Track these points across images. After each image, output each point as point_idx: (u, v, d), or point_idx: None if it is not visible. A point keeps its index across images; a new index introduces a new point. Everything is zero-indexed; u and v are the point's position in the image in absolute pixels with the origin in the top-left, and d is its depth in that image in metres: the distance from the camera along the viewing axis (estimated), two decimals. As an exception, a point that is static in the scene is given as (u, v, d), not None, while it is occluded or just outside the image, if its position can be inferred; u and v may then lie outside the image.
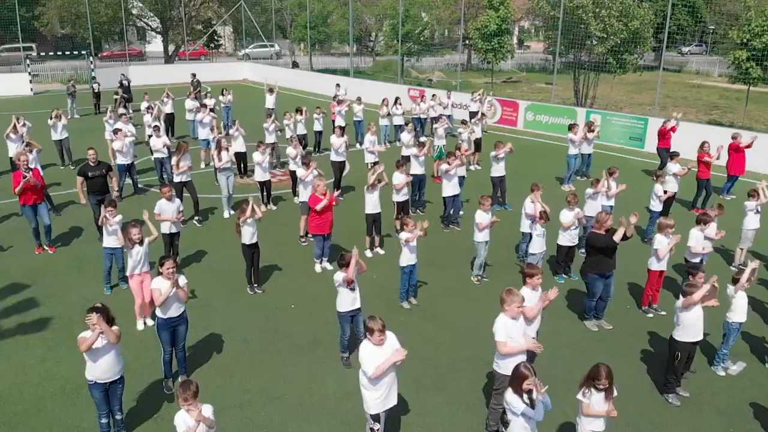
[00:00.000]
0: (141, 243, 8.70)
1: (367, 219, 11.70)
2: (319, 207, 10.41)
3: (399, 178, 12.32)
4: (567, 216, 10.57)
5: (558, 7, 23.56)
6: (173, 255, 10.72)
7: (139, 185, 15.76)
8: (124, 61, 42.43)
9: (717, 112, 32.83)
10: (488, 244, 10.73)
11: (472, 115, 23.04)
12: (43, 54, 35.71)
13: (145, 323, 9.13)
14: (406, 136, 16.03)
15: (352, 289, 7.90)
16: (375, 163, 15.43)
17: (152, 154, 15.92)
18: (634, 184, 17.05)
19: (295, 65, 41.05)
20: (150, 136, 17.93)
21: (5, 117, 25.16)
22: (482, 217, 10.42)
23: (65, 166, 17.81)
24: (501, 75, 48.18)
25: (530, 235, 10.97)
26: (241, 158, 16.11)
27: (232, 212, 13.92)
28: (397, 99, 21.14)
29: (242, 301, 10.11)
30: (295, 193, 14.61)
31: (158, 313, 7.41)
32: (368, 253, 11.80)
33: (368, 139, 15.54)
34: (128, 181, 15.27)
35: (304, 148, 18.75)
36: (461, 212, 13.70)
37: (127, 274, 8.93)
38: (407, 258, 9.59)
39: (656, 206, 12.39)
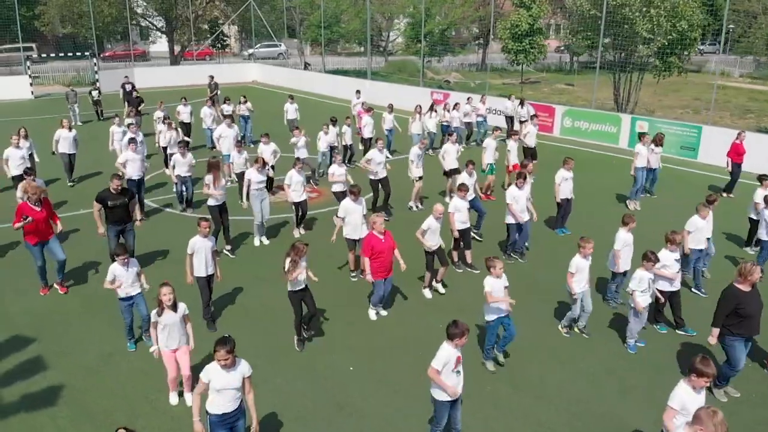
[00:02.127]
0: (174, 308, 6.99)
1: (427, 253, 9.97)
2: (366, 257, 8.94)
3: (460, 204, 10.62)
4: (668, 259, 8.86)
5: (599, 4, 21.88)
6: (209, 310, 9.11)
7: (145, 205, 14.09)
8: (128, 62, 40.87)
9: (751, 116, 31.22)
10: (586, 294, 8.97)
11: (509, 121, 21.47)
12: (44, 56, 33.90)
13: (181, 394, 7.45)
14: (415, 151, 14.03)
15: (459, 372, 6.24)
16: (420, 178, 13.86)
17: (170, 170, 14.08)
18: (690, 200, 15.43)
19: (307, 66, 39.35)
20: (163, 148, 16.37)
21: (5, 124, 23.83)
22: (581, 264, 8.75)
23: (73, 182, 16.11)
24: (516, 75, 46.61)
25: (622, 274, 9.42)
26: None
27: (265, 240, 12.26)
28: (432, 105, 19.47)
29: (290, 359, 8.44)
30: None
31: (209, 408, 5.75)
32: (427, 293, 10.14)
33: (414, 152, 13.85)
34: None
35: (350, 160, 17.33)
36: (527, 243, 11.95)
37: (158, 347, 7.14)
38: (494, 309, 7.92)
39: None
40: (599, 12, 22.11)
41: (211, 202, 11.36)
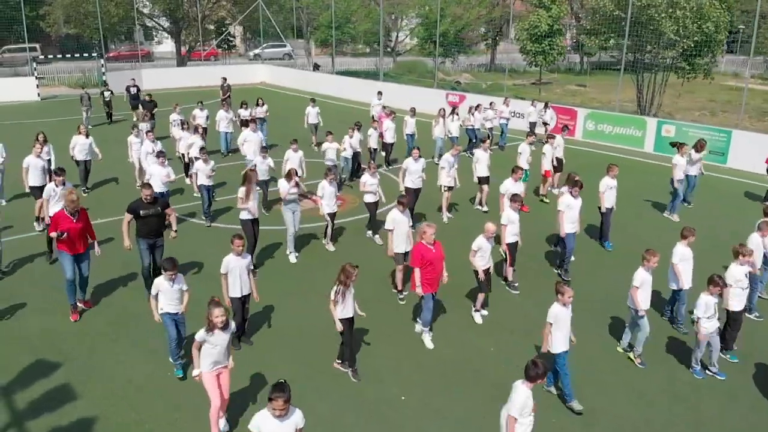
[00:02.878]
0: (226, 327, 6.43)
1: (477, 275, 9.29)
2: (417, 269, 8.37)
3: (513, 216, 10.03)
4: (739, 274, 8.31)
5: (623, 5, 21.32)
6: (242, 331, 8.56)
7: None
8: (134, 62, 40.30)
9: (769, 118, 30.68)
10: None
11: (532, 125, 20.91)
12: (51, 56, 33.29)
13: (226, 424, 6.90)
14: (447, 158, 13.36)
15: (532, 415, 5.67)
16: (450, 188, 13.27)
17: (193, 178, 13.51)
18: (728, 209, 14.99)
19: (316, 67, 38.74)
20: (184, 156, 15.80)
21: (13, 127, 23.37)
22: (646, 278, 8.17)
23: (87, 191, 15.50)
24: (527, 76, 46.00)
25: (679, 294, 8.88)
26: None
27: (297, 256, 11.66)
28: (454, 109, 18.89)
29: (334, 385, 7.85)
30: (374, 230, 12.53)
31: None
32: (477, 318, 9.48)
33: (446, 159, 13.23)
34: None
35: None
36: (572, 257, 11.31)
37: (201, 370, 6.59)
38: (562, 340, 7.30)
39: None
40: (623, 13, 21.55)
41: (243, 215, 10.76)
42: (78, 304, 9.45)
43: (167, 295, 7.60)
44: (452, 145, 18.75)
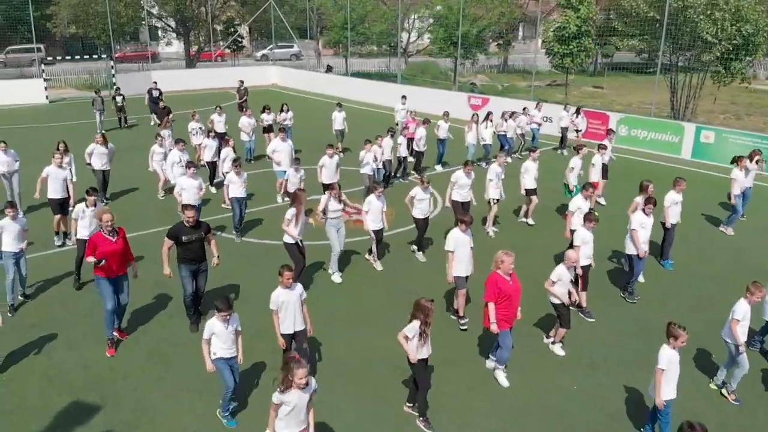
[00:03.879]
0: (306, 386, 5.58)
1: (558, 308, 8.41)
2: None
3: (587, 236, 9.22)
4: None
5: (659, 6, 20.53)
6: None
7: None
8: (142, 63, 39.46)
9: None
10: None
11: (563, 131, 20.14)
12: (59, 58, 32.50)
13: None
14: (495, 169, 12.48)
15: None
16: (497, 200, 12.48)
17: (225, 191, 12.66)
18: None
19: (329, 69, 37.91)
20: (208, 163, 15.03)
21: (23, 132, 22.43)
22: (749, 311, 7.40)
23: (107, 201, 14.67)
24: (540, 77, 45.16)
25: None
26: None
27: (342, 275, 10.85)
28: (488, 114, 18.08)
29: (405, 430, 7.05)
30: (420, 246, 11.70)
31: None
32: (558, 350, 8.64)
33: (494, 170, 12.39)
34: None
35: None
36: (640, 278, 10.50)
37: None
38: (671, 387, 6.49)
39: None
40: (658, 14, 20.76)
41: (288, 239, 9.92)
42: (114, 333, 8.66)
43: (221, 338, 6.78)
44: (484, 152, 18.11)
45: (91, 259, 8.13)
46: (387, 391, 7.66)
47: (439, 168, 17.70)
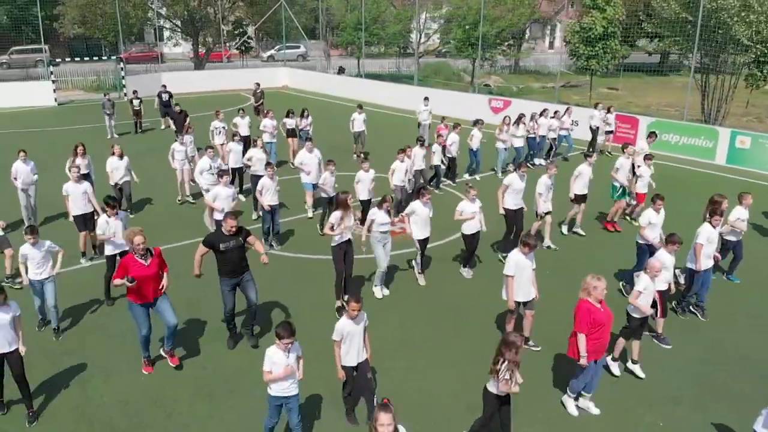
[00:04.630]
0: None
1: (633, 322, 7.81)
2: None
3: (668, 260, 8.50)
4: None
5: (691, 7, 19.88)
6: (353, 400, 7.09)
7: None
8: (149, 64, 38.76)
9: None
10: None
11: (594, 131, 19.48)
12: (67, 59, 31.79)
13: None
14: (545, 181, 11.57)
15: None
16: (548, 213, 11.80)
17: (259, 200, 11.96)
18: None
19: (341, 71, 37.21)
20: (234, 169, 14.34)
21: (33, 136, 21.28)
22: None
23: (128, 210, 13.94)
24: (551, 79, 44.48)
25: None
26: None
27: (385, 291, 10.20)
28: (520, 117, 17.43)
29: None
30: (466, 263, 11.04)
31: None
32: (638, 371, 7.99)
33: (544, 183, 11.57)
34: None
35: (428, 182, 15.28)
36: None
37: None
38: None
39: None
40: (690, 15, 20.11)
41: (335, 240, 9.24)
42: (163, 353, 8.03)
43: (282, 370, 6.11)
44: (516, 155, 17.46)
45: (119, 281, 7.44)
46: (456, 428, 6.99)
47: (467, 176, 17.04)
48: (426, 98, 20.12)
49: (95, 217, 11.12)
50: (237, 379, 7.80)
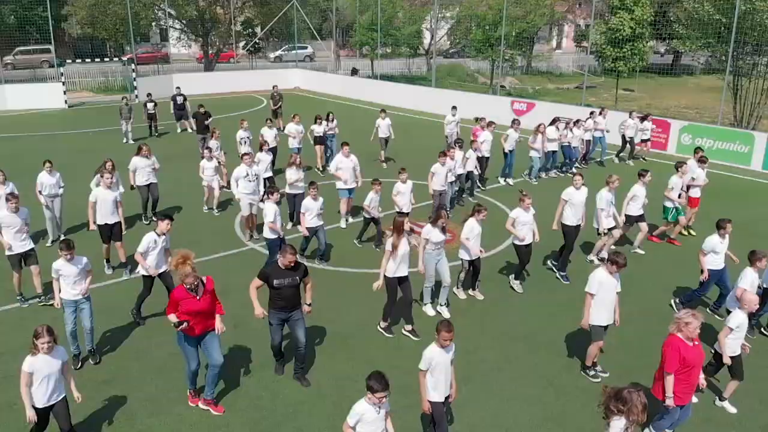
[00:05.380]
0: None
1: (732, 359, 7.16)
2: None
3: (754, 279, 7.89)
4: None
5: (725, 9, 19.31)
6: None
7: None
8: (157, 65, 38.13)
9: None
10: None
11: (630, 141, 18.86)
12: (76, 60, 31.13)
13: None
14: (606, 197, 10.82)
15: None
16: (612, 228, 11.12)
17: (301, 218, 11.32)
18: None
19: (354, 72, 36.60)
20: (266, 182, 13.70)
21: (44, 139, 19.69)
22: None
23: (149, 221, 13.36)
24: (562, 80, 43.91)
25: None
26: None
27: (446, 312, 9.56)
28: (555, 120, 16.85)
29: None
30: (516, 276, 10.45)
31: None
32: (731, 407, 7.36)
33: (606, 198, 10.79)
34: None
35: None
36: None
37: None
38: None
39: None
40: (724, 17, 19.54)
41: (390, 272, 8.61)
42: (202, 406, 7.29)
43: (371, 426, 5.38)
44: (551, 161, 16.89)
45: (173, 318, 6.77)
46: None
47: (502, 181, 16.46)
48: (454, 107, 19.47)
49: (121, 230, 10.59)
50: (298, 413, 7.20)
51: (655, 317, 9.33)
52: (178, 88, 22.98)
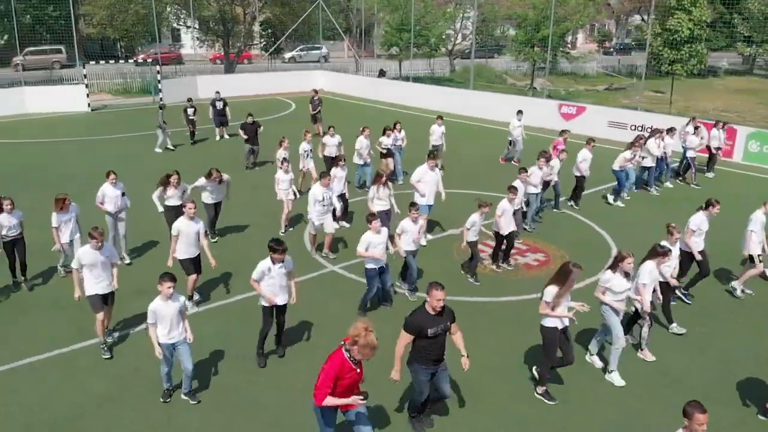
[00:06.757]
0: None
1: None
2: None
3: None
4: None
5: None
6: None
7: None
8: (174, 66, 37.07)
9: None
10: None
11: (716, 152, 17.66)
12: (103, 62, 30.03)
13: None
14: (701, 218, 9.73)
15: None
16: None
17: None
18: None
19: (382, 74, 35.48)
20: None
21: (73, 145, 17.95)
22: None
23: (216, 239, 12.23)
24: (585, 81, 42.93)
25: None
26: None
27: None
28: (654, 131, 15.89)
29: None
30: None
31: None
32: None
33: (759, 219, 9.70)
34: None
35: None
36: None
37: None
38: None
39: None
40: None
41: (549, 322, 7.33)
42: None
43: None
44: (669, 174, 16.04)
45: (329, 400, 5.51)
46: None
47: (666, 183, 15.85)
48: (519, 112, 18.40)
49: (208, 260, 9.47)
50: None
51: None
52: (217, 92, 21.59)
